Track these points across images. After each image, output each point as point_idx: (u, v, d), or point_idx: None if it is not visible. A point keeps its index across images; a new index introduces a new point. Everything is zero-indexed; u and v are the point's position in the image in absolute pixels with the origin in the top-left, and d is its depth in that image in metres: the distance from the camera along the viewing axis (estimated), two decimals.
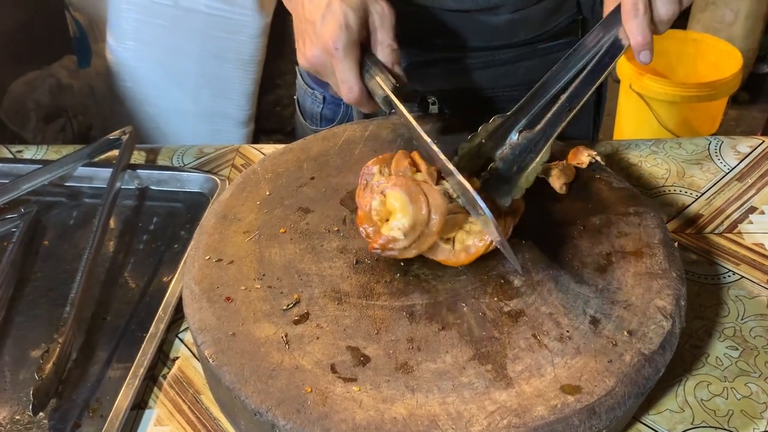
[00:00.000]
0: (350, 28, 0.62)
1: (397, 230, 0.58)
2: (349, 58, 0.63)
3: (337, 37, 0.62)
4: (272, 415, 0.50)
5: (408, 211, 0.58)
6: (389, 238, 0.58)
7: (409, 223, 0.57)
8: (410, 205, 0.58)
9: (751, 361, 0.62)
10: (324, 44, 0.63)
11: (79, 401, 0.62)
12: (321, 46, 0.63)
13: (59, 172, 0.84)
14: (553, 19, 0.85)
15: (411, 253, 0.59)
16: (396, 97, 0.63)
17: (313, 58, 0.64)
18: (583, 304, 0.58)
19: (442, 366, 0.53)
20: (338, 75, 0.64)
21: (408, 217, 0.58)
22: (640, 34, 0.60)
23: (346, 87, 0.64)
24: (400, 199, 0.58)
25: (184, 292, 0.61)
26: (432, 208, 0.58)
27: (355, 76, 0.63)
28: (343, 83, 0.64)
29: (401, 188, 0.59)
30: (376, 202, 0.59)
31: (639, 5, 0.59)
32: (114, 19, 1.81)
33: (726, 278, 0.70)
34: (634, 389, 0.52)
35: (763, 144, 0.87)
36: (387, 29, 0.65)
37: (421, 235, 0.58)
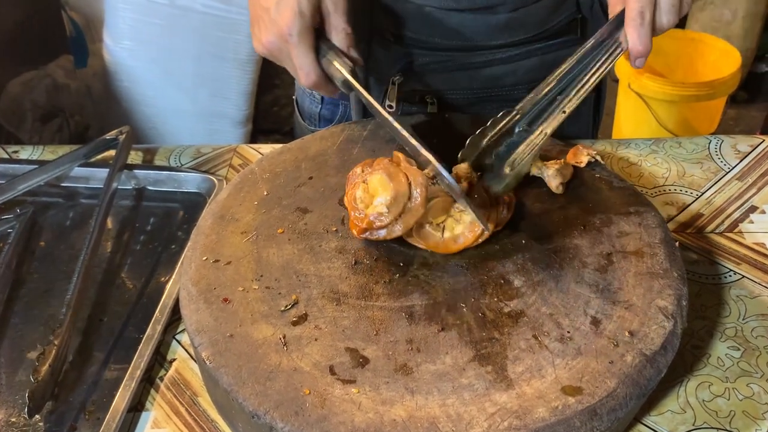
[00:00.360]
0: (304, 15, 0.63)
1: (381, 206, 0.59)
2: (304, 44, 0.64)
3: (291, 24, 0.63)
4: (270, 418, 0.50)
5: (388, 186, 0.60)
6: (374, 215, 0.59)
7: (391, 196, 0.59)
8: (390, 181, 0.60)
9: (753, 362, 0.62)
10: (279, 31, 0.64)
11: (76, 403, 0.61)
12: (276, 33, 0.64)
13: (56, 173, 0.84)
14: (552, 18, 0.84)
15: (397, 229, 0.60)
16: (354, 79, 0.64)
17: (269, 44, 0.65)
18: (584, 304, 0.57)
19: (441, 367, 0.53)
20: (295, 61, 0.65)
21: (389, 191, 0.59)
22: (642, 43, 0.61)
23: (303, 72, 0.65)
24: (380, 178, 0.60)
25: (181, 293, 0.61)
26: (412, 182, 0.60)
27: (312, 61, 0.65)
28: (300, 69, 0.65)
29: (381, 170, 0.61)
30: (359, 191, 0.61)
31: (645, 14, 0.61)
32: (111, 18, 1.81)
33: (727, 278, 0.70)
34: (635, 390, 0.51)
35: (763, 143, 0.87)
36: (340, 13, 0.65)
37: (405, 209, 0.59)
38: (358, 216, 0.61)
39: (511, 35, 0.84)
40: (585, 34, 0.87)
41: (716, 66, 2.03)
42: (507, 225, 0.65)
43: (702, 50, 2.09)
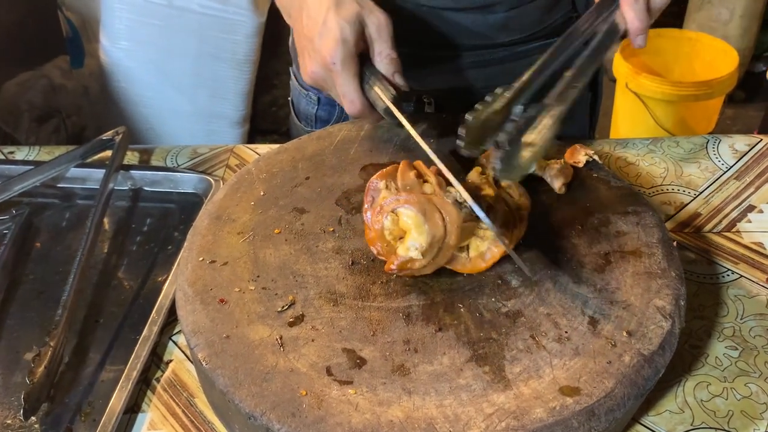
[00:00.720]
0: (347, 42, 0.63)
1: (414, 250, 0.56)
2: (347, 72, 0.63)
3: (334, 53, 0.62)
4: (267, 419, 0.49)
5: (423, 230, 0.56)
6: (407, 259, 0.57)
7: (426, 242, 0.56)
8: (425, 223, 0.56)
9: (751, 361, 0.62)
10: (323, 60, 0.63)
11: (72, 405, 0.61)
12: (320, 62, 0.64)
13: (51, 173, 0.83)
14: (548, 17, 0.84)
15: (429, 270, 0.59)
16: (396, 108, 0.63)
17: (314, 74, 0.65)
18: (582, 304, 0.57)
19: (439, 368, 0.53)
20: (339, 89, 0.64)
21: (424, 235, 0.56)
22: (638, 19, 0.62)
23: (347, 100, 0.65)
24: (414, 218, 0.56)
25: (178, 294, 0.61)
26: (447, 223, 0.57)
27: (355, 89, 0.64)
28: (344, 97, 0.65)
29: (414, 206, 0.57)
30: (388, 222, 0.58)
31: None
32: (107, 19, 1.80)
33: (725, 277, 0.70)
34: (633, 390, 0.51)
35: (761, 142, 0.87)
36: (385, 39, 0.65)
37: (439, 251, 0.57)
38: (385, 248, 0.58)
39: (508, 34, 0.83)
40: None
41: (714, 65, 2.03)
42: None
43: (699, 50, 2.09)
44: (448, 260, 0.59)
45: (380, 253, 0.59)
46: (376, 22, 0.65)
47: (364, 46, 0.65)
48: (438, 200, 0.58)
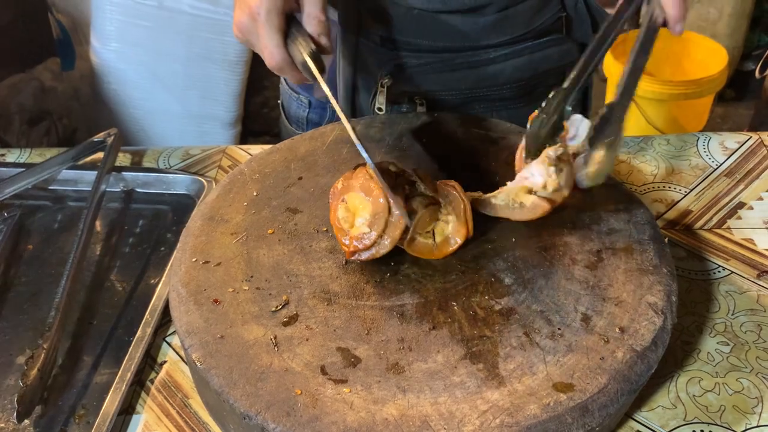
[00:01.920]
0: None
1: (363, 225, 0.59)
2: (270, 24, 0.63)
3: (260, 3, 0.62)
4: (262, 419, 0.50)
5: (367, 204, 0.59)
6: (358, 235, 0.59)
7: (370, 214, 0.59)
8: (366, 197, 0.60)
9: (742, 356, 0.62)
10: (249, 10, 0.63)
11: (65, 407, 0.61)
12: (247, 12, 0.63)
13: (43, 176, 0.83)
14: (538, 17, 0.85)
15: (386, 245, 0.60)
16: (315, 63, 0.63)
17: (240, 25, 0.64)
18: (575, 301, 0.57)
19: (433, 366, 0.53)
20: (261, 41, 0.64)
21: (367, 208, 0.59)
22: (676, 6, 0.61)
23: (267, 52, 0.64)
24: (357, 196, 0.60)
25: (171, 295, 0.60)
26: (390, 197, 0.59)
27: (277, 43, 0.63)
28: (265, 48, 0.64)
29: (356, 188, 0.61)
30: (341, 211, 0.61)
31: None
32: (98, 20, 1.80)
33: (716, 274, 0.70)
34: (626, 386, 0.51)
35: (750, 139, 0.87)
36: (316, 1, 0.64)
37: (388, 223, 0.59)
38: (343, 241, 0.61)
39: (498, 35, 0.84)
40: (570, 32, 0.88)
41: (703, 64, 2.04)
42: (497, 224, 0.65)
43: (689, 49, 2.10)
44: (413, 246, 0.61)
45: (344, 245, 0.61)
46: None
47: (296, 6, 0.65)
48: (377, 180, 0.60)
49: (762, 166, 0.83)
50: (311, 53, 0.63)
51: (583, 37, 0.88)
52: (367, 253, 0.60)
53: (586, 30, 0.88)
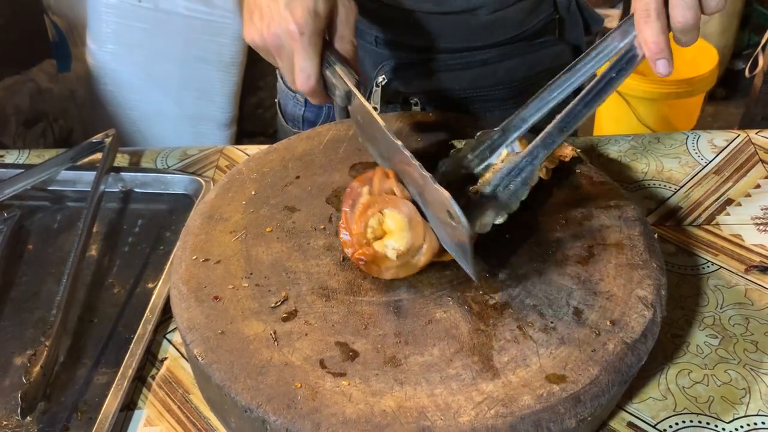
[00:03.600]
0: (318, 16, 0.60)
1: (391, 250, 0.58)
2: (312, 46, 0.61)
3: (304, 23, 0.59)
4: (263, 411, 0.51)
5: (405, 235, 0.58)
6: (380, 255, 0.58)
7: (404, 248, 0.58)
8: (409, 231, 0.58)
9: (731, 349, 0.64)
10: (287, 27, 0.60)
11: (68, 404, 0.62)
12: (285, 29, 0.60)
13: (42, 176, 0.84)
14: (530, 19, 0.86)
15: (388, 275, 0.60)
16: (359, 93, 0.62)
17: (273, 39, 0.61)
18: (567, 295, 0.59)
19: (429, 359, 0.54)
20: (298, 62, 0.61)
21: (405, 241, 0.58)
22: (653, 40, 0.54)
23: (304, 75, 0.61)
24: (400, 222, 0.58)
25: (172, 292, 0.62)
26: (426, 242, 0.59)
27: (316, 65, 0.61)
28: (302, 71, 0.61)
29: (402, 211, 0.59)
30: (374, 221, 0.59)
31: (650, 9, 0.54)
32: (94, 22, 1.80)
33: (705, 269, 0.72)
34: (617, 377, 0.53)
35: (738, 137, 0.89)
36: (351, 25, 0.64)
37: (407, 263, 0.59)
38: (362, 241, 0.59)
39: (491, 37, 0.85)
40: (563, 34, 0.89)
41: (694, 63, 2.06)
42: None
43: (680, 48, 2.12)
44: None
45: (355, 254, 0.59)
46: (348, 6, 0.63)
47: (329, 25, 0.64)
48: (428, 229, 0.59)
49: (750, 164, 0.85)
50: (356, 83, 0.61)
51: (576, 39, 0.90)
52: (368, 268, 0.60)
53: (578, 32, 0.90)
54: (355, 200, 0.61)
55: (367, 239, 0.59)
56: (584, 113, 0.59)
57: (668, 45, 0.55)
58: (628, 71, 0.58)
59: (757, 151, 0.87)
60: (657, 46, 0.55)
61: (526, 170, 0.61)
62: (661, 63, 0.56)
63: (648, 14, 0.54)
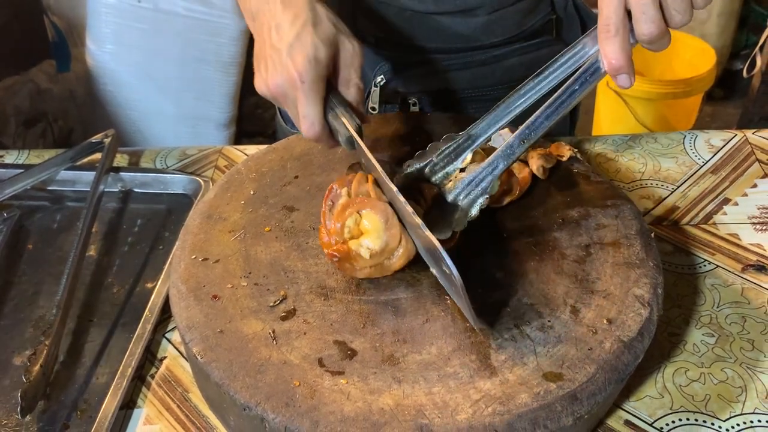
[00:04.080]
0: (319, 63, 0.59)
1: (365, 249, 0.58)
2: (314, 93, 0.60)
3: (304, 71, 0.58)
4: (261, 409, 0.51)
5: (381, 236, 0.58)
6: (354, 254, 0.58)
7: (379, 247, 0.58)
8: (385, 232, 0.58)
9: (727, 347, 0.64)
10: (290, 75, 0.59)
11: (68, 402, 0.62)
12: (286, 77, 0.60)
13: (42, 176, 0.84)
14: (528, 19, 0.86)
15: (361, 274, 0.60)
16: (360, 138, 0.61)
17: (276, 88, 0.61)
18: (564, 294, 0.59)
19: (427, 357, 0.54)
20: (301, 109, 0.60)
21: (380, 240, 0.58)
22: (614, 57, 0.55)
23: (308, 122, 0.60)
24: (377, 223, 0.59)
25: (171, 291, 0.62)
26: (402, 245, 0.59)
27: (318, 112, 0.60)
28: (305, 118, 0.60)
29: (380, 213, 0.59)
30: (351, 221, 0.59)
31: (610, 25, 0.54)
32: (93, 23, 1.81)
33: (702, 268, 0.72)
34: (614, 375, 0.53)
35: (735, 137, 0.90)
36: (356, 68, 0.62)
37: (380, 265, 0.59)
38: (338, 239, 0.59)
39: (489, 37, 0.85)
40: (560, 34, 0.89)
41: (692, 64, 2.07)
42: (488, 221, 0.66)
43: (678, 48, 2.13)
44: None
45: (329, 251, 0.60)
46: (351, 50, 0.61)
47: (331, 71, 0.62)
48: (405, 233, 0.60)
49: (747, 163, 0.85)
50: (357, 129, 0.60)
51: (573, 39, 0.90)
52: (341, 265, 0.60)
53: (575, 31, 0.90)
54: (334, 201, 0.62)
55: (344, 238, 0.59)
56: (545, 125, 0.60)
57: (629, 60, 0.55)
58: (591, 83, 0.59)
59: (754, 150, 0.87)
60: (617, 62, 0.55)
61: (486, 180, 0.61)
62: (621, 78, 0.56)
63: (608, 30, 0.54)
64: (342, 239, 0.59)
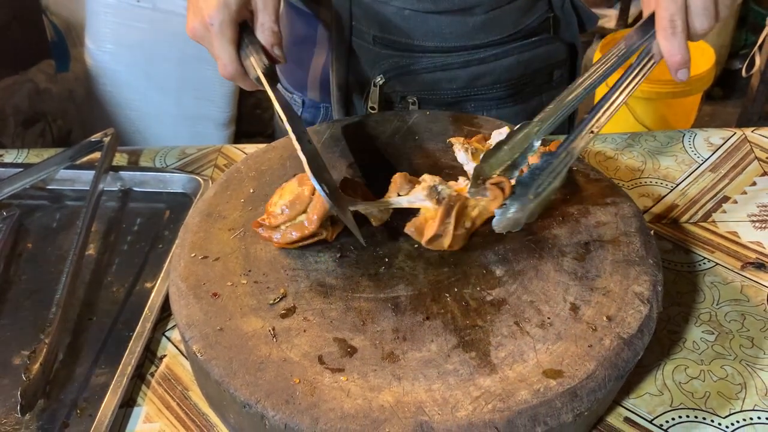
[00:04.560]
0: (229, 6, 0.63)
1: (278, 206, 0.62)
2: (224, 36, 0.64)
3: (214, 14, 0.63)
4: (261, 407, 0.51)
5: (294, 191, 0.62)
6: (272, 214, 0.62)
7: (289, 198, 0.62)
8: (298, 187, 0.63)
9: (727, 345, 0.64)
10: (202, 19, 0.64)
11: (67, 401, 0.62)
12: (200, 21, 0.64)
13: (41, 175, 0.84)
14: (526, 18, 0.86)
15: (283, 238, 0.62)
16: (267, 79, 0.64)
17: (193, 31, 0.66)
18: (564, 291, 0.59)
19: (427, 354, 0.54)
20: (215, 51, 0.65)
21: (292, 194, 0.62)
22: (679, 53, 0.58)
23: (221, 63, 0.65)
24: (292, 184, 0.64)
25: (171, 290, 0.62)
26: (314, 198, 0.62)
27: (230, 53, 0.65)
28: (219, 59, 0.65)
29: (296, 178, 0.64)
30: (275, 197, 0.64)
31: (676, 23, 0.57)
32: (92, 22, 1.81)
33: (701, 265, 0.72)
34: (614, 372, 0.53)
35: (734, 135, 0.90)
36: (269, 11, 0.65)
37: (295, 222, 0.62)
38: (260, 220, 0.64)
39: (487, 36, 0.86)
40: (558, 32, 0.90)
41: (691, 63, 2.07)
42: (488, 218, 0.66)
43: None
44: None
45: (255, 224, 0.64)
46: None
47: (249, 15, 0.66)
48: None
49: (746, 161, 0.85)
50: (264, 69, 0.64)
51: (571, 37, 0.90)
52: (272, 233, 0.62)
53: (573, 30, 0.90)
54: None
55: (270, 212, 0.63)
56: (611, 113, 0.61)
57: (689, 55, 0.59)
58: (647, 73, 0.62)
59: (753, 148, 0.87)
60: (682, 57, 0.58)
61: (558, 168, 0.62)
62: (682, 72, 0.60)
63: (674, 28, 0.57)
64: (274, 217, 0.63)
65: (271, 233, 0.63)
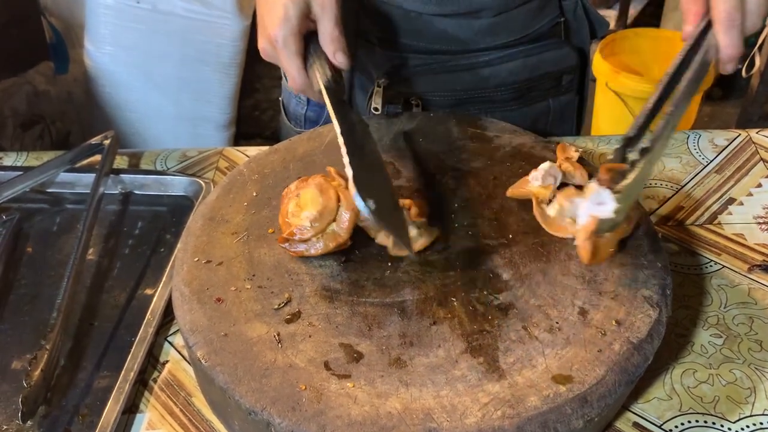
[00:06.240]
0: (290, 20, 0.64)
1: (305, 219, 0.60)
2: (289, 50, 0.65)
3: (278, 30, 0.64)
4: (267, 414, 0.50)
5: (318, 201, 0.61)
6: (298, 228, 0.60)
7: (317, 210, 0.60)
8: (320, 196, 0.61)
9: (735, 348, 0.64)
10: (268, 37, 0.66)
11: (69, 407, 0.61)
12: (267, 39, 0.66)
13: (41, 179, 0.83)
14: (534, 22, 0.86)
15: (317, 247, 0.61)
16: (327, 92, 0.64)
17: (264, 50, 0.67)
18: (572, 295, 0.58)
19: (434, 360, 0.54)
20: (283, 65, 0.67)
21: (317, 206, 0.60)
22: (735, 46, 0.60)
23: (289, 77, 0.67)
24: (311, 192, 0.62)
25: (174, 294, 0.61)
26: (343, 202, 0.60)
27: (297, 67, 0.66)
28: (288, 73, 0.67)
29: (313, 186, 0.62)
30: (291, 205, 0.62)
31: (734, 16, 0.58)
32: (91, 24, 1.80)
33: (708, 268, 0.72)
34: (624, 377, 0.53)
35: (739, 137, 0.89)
36: (329, 18, 0.66)
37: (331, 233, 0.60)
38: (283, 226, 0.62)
39: (494, 39, 0.85)
40: (569, 37, 0.89)
41: None
42: (494, 222, 0.66)
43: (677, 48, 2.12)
44: None
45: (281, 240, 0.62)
46: (320, 2, 0.65)
47: (313, 25, 0.67)
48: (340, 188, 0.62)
49: (751, 163, 0.85)
50: (326, 81, 0.64)
51: (581, 43, 0.90)
52: (297, 246, 0.61)
53: (584, 35, 0.90)
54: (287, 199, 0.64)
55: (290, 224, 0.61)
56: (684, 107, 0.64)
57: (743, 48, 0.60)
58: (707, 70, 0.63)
59: (758, 150, 0.87)
60: (737, 50, 0.60)
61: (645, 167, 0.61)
62: (731, 65, 0.61)
63: (732, 20, 0.59)
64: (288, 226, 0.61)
65: (303, 247, 0.61)
